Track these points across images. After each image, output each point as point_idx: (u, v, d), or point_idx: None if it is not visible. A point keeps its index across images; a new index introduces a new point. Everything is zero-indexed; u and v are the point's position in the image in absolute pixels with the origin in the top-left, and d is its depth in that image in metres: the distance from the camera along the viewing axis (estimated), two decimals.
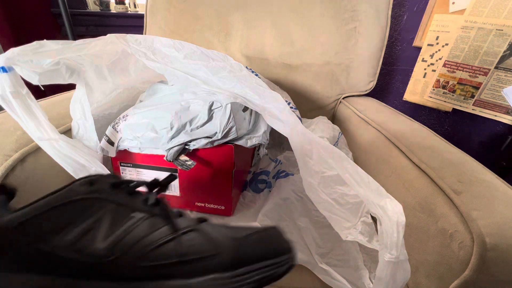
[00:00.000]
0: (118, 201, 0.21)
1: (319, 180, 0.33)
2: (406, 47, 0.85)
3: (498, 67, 0.68)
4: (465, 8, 0.70)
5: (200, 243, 0.20)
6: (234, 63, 0.43)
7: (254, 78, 0.41)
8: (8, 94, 0.32)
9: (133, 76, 0.50)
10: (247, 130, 0.46)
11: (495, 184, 0.35)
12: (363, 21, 0.73)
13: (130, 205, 0.22)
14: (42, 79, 0.35)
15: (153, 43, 0.41)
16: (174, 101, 0.44)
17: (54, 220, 0.20)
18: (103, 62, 0.43)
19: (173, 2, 0.78)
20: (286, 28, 0.76)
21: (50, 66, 0.35)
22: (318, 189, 0.33)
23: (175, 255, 0.20)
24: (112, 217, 0.21)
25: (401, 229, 0.25)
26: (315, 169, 0.32)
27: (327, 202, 0.33)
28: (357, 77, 0.78)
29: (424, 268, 0.34)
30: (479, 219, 0.29)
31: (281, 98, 0.38)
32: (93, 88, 0.45)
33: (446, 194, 0.34)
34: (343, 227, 0.32)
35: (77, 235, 0.20)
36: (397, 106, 0.91)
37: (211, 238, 0.21)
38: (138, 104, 0.49)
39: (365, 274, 0.37)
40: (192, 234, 0.21)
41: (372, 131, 0.57)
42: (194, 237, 0.21)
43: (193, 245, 0.20)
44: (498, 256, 0.27)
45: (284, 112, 0.36)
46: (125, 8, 1.34)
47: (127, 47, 0.40)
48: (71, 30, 1.14)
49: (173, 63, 0.40)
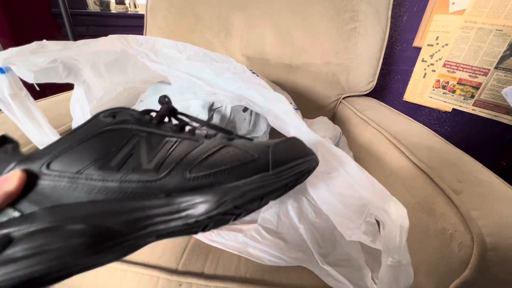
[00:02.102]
0: (148, 129, 0.22)
1: (323, 181, 0.33)
2: (406, 47, 0.85)
3: (498, 67, 0.68)
4: (465, 8, 0.70)
5: (239, 153, 0.22)
6: (237, 64, 0.43)
7: (258, 79, 0.41)
8: (7, 96, 0.31)
9: (131, 76, 0.49)
10: (247, 130, 0.46)
11: (495, 184, 0.35)
12: (363, 21, 0.73)
13: (161, 132, 0.22)
14: (37, 77, 0.34)
15: (155, 45, 0.41)
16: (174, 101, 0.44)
17: (88, 152, 0.20)
18: (100, 60, 0.43)
19: (173, 2, 0.78)
20: (286, 28, 0.77)
21: (46, 64, 0.34)
22: (322, 190, 0.33)
23: (221, 163, 0.21)
24: (148, 143, 0.21)
25: (404, 233, 0.25)
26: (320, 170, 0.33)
27: (331, 203, 0.33)
28: (357, 77, 0.78)
29: (424, 268, 0.34)
30: (479, 219, 0.29)
31: (285, 100, 0.38)
32: (91, 86, 0.44)
33: (446, 194, 0.34)
34: (347, 228, 0.32)
35: (119, 162, 0.20)
36: (397, 106, 0.92)
37: (246, 148, 0.23)
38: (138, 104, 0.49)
39: (367, 274, 0.37)
40: (230, 148, 0.23)
41: (372, 131, 0.57)
42: (231, 149, 0.23)
43: (235, 154, 0.22)
44: (498, 255, 0.27)
45: (289, 113, 0.36)
46: (125, 8, 1.34)
47: (129, 48, 0.40)
48: (71, 30, 1.14)
49: (176, 65, 0.40)
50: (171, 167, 0.20)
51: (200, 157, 0.21)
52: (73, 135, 0.20)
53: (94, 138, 0.20)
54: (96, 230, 0.18)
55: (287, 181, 0.22)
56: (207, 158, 0.21)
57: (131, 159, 0.20)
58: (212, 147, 0.22)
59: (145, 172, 0.20)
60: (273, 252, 0.38)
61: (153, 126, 0.23)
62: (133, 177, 0.20)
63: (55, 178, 0.19)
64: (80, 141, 0.20)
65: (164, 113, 0.25)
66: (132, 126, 0.22)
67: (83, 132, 0.21)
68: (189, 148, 0.22)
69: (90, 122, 0.21)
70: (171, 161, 0.21)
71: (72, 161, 0.19)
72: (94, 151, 0.20)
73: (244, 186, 0.21)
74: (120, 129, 0.21)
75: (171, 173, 0.20)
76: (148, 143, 0.21)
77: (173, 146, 0.22)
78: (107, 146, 0.20)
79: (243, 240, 0.39)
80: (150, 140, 0.21)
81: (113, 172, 0.20)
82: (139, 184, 0.20)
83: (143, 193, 0.19)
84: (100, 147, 0.20)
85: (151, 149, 0.21)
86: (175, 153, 0.21)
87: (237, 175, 0.21)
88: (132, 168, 0.20)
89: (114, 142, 0.21)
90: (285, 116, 0.36)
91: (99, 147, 0.20)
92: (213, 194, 0.20)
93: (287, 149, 0.24)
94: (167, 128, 0.23)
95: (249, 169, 0.21)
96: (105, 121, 0.21)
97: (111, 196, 0.19)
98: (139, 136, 0.21)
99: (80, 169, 0.19)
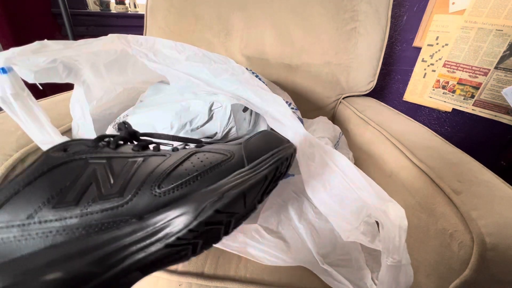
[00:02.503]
0: (105, 155, 0.20)
1: (321, 183, 0.33)
2: (406, 47, 0.85)
3: (498, 67, 0.68)
4: (465, 8, 0.70)
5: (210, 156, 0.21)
6: (236, 65, 0.43)
7: (256, 81, 0.42)
8: (9, 96, 0.31)
9: (130, 76, 0.50)
10: (247, 130, 0.46)
11: (495, 184, 0.35)
12: (363, 21, 0.73)
13: (121, 155, 0.20)
14: (38, 77, 0.34)
15: (154, 45, 0.41)
16: (174, 101, 0.44)
17: (38, 193, 0.17)
18: (100, 60, 0.43)
19: (173, 2, 0.78)
20: (286, 28, 0.77)
21: (46, 64, 0.34)
22: (320, 191, 0.33)
23: (192, 170, 0.20)
24: (107, 169, 0.19)
25: (403, 233, 0.25)
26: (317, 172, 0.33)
27: (329, 204, 0.33)
28: (357, 77, 0.78)
29: (424, 267, 0.34)
30: (479, 219, 0.29)
31: (283, 101, 0.38)
32: (91, 85, 0.44)
33: (446, 194, 0.34)
34: (345, 228, 0.32)
35: (76, 195, 0.18)
36: (397, 106, 0.92)
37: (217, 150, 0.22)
38: (138, 104, 0.49)
39: (367, 274, 0.37)
40: (199, 153, 0.21)
41: (372, 131, 0.57)
42: (201, 155, 0.21)
43: (206, 158, 0.21)
44: (498, 255, 0.27)
45: (286, 115, 0.36)
46: (125, 8, 1.34)
47: (129, 48, 0.40)
48: (71, 30, 1.14)
49: (174, 65, 0.40)
50: (136, 186, 0.18)
51: (167, 170, 0.19)
52: (19, 178, 0.18)
53: (43, 176, 0.18)
54: (63, 278, 0.15)
55: (266, 172, 0.21)
56: (175, 168, 0.20)
57: (90, 189, 0.18)
58: (180, 157, 0.20)
59: (108, 198, 0.18)
60: (273, 252, 0.38)
61: (110, 151, 0.20)
62: (95, 207, 0.17)
63: (1, 231, 0.16)
64: (27, 183, 0.17)
65: (123, 136, 0.22)
66: (87, 155, 0.19)
67: (30, 173, 0.18)
68: (155, 164, 0.20)
69: (38, 161, 0.19)
70: (136, 180, 0.19)
71: (19, 207, 0.17)
72: (45, 190, 0.17)
73: (220, 187, 0.19)
74: (73, 160, 0.19)
75: (138, 193, 0.18)
76: (107, 169, 0.19)
77: (137, 166, 0.20)
78: (60, 182, 0.18)
79: (243, 240, 0.39)
80: (109, 165, 0.19)
81: (70, 207, 0.17)
82: (104, 214, 0.17)
83: (111, 223, 0.17)
84: (51, 184, 0.18)
85: (112, 173, 0.19)
86: (140, 172, 0.19)
87: (212, 178, 0.19)
88: (92, 198, 0.18)
89: (67, 176, 0.18)
90: (283, 118, 0.37)
91: (50, 184, 0.18)
92: (189, 203, 0.18)
93: (259, 142, 0.23)
94: (127, 150, 0.21)
95: (223, 170, 0.20)
96: (56, 156, 0.19)
97: (74, 235, 0.17)
98: (96, 164, 0.19)
99: (31, 213, 0.17)
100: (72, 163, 0.19)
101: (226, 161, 0.21)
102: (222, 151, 0.22)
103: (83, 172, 0.18)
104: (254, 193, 0.21)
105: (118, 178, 0.19)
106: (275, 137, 0.24)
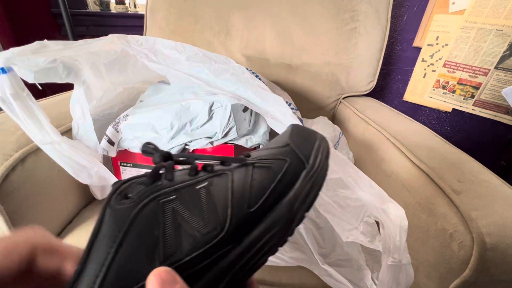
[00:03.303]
0: (171, 189, 0.18)
1: None
2: (406, 47, 0.85)
3: (498, 67, 0.68)
4: (465, 8, 0.70)
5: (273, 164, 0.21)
6: (236, 65, 0.43)
7: (256, 81, 0.42)
8: (9, 96, 0.31)
9: (130, 76, 0.50)
10: (247, 131, 0.46)
11: (495, 184, 0.35)
12: (363, 21, 0.73)
13: (185, 184, 0.18)
14: (37, 77, 0.34)
15: (154, 45, 0.41)
16: (175, 101, 0.44)
17: (139, 252, 0.15)
18: (100, 60, 0.43)
19: (173, 2, 0.78)
20: (286, 28, 0.77)
21: (46, 64, 0.34)
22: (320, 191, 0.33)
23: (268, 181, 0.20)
24: (185, 203, 0.17)
25: (403, 233, 0.25)
26: None
27: (329, 205, 0.33)
28: (357, 77, 0.78)
29: (424, 267, 0.34)
30: (479, 219, 0.29)
31: (283, 101, 0.38)
32: (91, 85, 0.44)
33: (446, 194, 0.34)
34: (344, 229, 0.32)
35: (175, 243, 0.16)
36: (397, 106, 0.92)
37: (272, 156, 0.22)
38: (139, 104, 0.49)
39: (367, 274, 0.37)
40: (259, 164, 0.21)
41: (372, 131, 0.57)
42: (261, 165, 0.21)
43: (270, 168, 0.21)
44: (498, 256, 0.27)
45: (286, 115, 0.36)
46: (125, 8, 1.34)
47: (129, 48, 0.40)
48: (71, 30, 1.14)
49: (175, 65, 0.40)
50: (228, 213, 0.17)
51: (246, 188, 0.19)
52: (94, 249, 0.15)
53: (128, 236, 0.15)
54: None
55: (323, 165, 0.21)
56: (251, 184, 0.19)
57: (183, 232, 0.16)
58: (246, 173, 0.20)
59: (203, 236, 0.16)
60: None
61: (169, 183, 0.18)
62: (199, 249, 0.16)
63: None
64: (113, 256, 0.15)
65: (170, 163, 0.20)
66: (153, 195, 0.17)
67: (108, 241, 0.15)
68: (225, 185, 0.19)
69: (108, 223, 0.16)
70: (222, 207, 0.17)
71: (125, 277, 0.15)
72: (142, 251, 0.15)
73: (299, 193, 0.19)
74: (145, 206, 0.16)
75: (232, 220, 0.17)
76: (185, 204, 0.17)
77: (209, 192, 0.18)
78: (149, 236, 0.16)
79: None
80: (182, 199, 0.17)
81: (176, 256, 0.15)
82: (204, 255, 0.16)
83: (215, 258, 0.16)
84: (142, 243, 0.15)
85: (195, 207, 0.17)
86: (217, 198, 0.18)
87: (287, 185, 0.20)
88: (190, 242, 0.16)
89: (152, 225, 0.16)
90: (283, 118, 0.37)
91: (141, 244, 0.15)
92: (281, 213, 0.18)
93: (300, 137, 0.23)
94: (183, 177, 0.19)
95: (290, 175, 0.20)
96: (124, 208, 0.16)
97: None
98: (169, 202, 0.17)
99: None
100: (145, 209, 0.16)
101: (289, 166, 0.21)
102: (278, 156, 0.22)
103: (166, 216, 0.16)
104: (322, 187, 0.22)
105: (202, 212, 0.17)
106: (306, 130, 0.24)
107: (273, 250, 0.18)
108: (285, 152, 0.22)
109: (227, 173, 0.20)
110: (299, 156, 0.21)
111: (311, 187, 0.20)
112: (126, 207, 0.16)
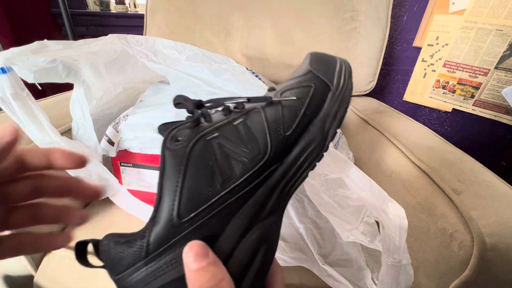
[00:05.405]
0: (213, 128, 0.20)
1: (321, 183, 0.33)
2: (406, 47, 0.85)
3: (498, 67, 0.68)
4: (465, 8, 0.70)
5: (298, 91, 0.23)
6: (236, 65, 0.43)
7: (256, 81, 0.42)
8: (8, 96, 0.31)
9: (130, 76, 0.50)
10: None
11: (495, 184, 0.35)
12: (363, 21, 0.73)
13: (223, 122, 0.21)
14: (37, 77, 0.34)
15: (154, 45, 0.41)
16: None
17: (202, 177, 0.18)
18: (100, 60, 0.43)
19: (173, 2, 0.78)
20: (286, 28, 0.77)
21: (46, 63, 0.35)
22: (321, 191, 0.33)
23: (298, 107, 0.22)
24: (227, 138, 0.20)
25: (403, 233, 0.25)
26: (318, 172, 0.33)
27: (329, 205, 0.33)
28: (357, 77, 0.78)
29: (424, 267, 0.34)
30: (479, 219, 0.29)
31: None
32: (91, 85, 0.44)
33: (446, 194, 0.34)
34: (344, 229, 0.32)
35: (229, 170, 0.19)
36: (397, 106, 0.92)
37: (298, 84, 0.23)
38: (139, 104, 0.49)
39: (368, 274, 0.37)
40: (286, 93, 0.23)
41: (372, 131, 0.57)
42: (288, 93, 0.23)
43: (296, 94, 0.22)
44: (498, 256, 0.27)
45: None
46: (125, 8, 1.34)
47: (129, 48, 0.40)
48: (71, 30, 1.14)
49: (175, 65, 0.40)
50: (268, 139, 0.20)
51: (279, 115, 0.21)
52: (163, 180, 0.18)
53: (190, 167, 0.18)
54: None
55: (347, 84, 0.23)
56: (283, 111, 0.21)
57: (233, 162, 0.19)
58: (277, 102, 0.22)
59: (251, 160, 0.19)
60: None
61: (209, 124, 0.21)
62: (248, 174, 0.18)
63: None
64: (182, 182, 0.18)
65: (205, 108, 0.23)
66: (199, 135, 0.20)
67: (171, 171, 0.18)
68: (260, 116, 0.21)
69: (166, 159, 0.18)
70: (261, 135, 0.20)
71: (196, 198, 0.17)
72: (203, 176, 0.18)
73: (328, 113, 0.21)
74: (195, 144, 0.19)
75: (272, 144, 0.20)
76: (228, 139, 0.20)
77: (246, 124, 0.21)
78: (206, 166, 0.18)
79: None
80: (224, 136, 0.20)
81: (232, 180, 0.18)
82: (255, 175, 0.19)
83: (264, 177, 0.19)
84: (202, 170, 0.18)
85: (237, 139, 0.20)
86: (255, 128, 0.20)
87: (317, 108, 0.21)
88: (240, 167, 0.19)
89: (206, 158, 0.19)
90: None
91: (201, 171, 0.18)
92: (313, 134, 0.20)
93: (321, 63, 0.24)
94: (219, 117, 0.22)
95: (318, 98, 0.22)
96: (178, 147, 0.19)
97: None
98: (214, 138, 0.20)
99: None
100: (196, 146, 0.19)
101: (315, 90, 0.22)
102: (303, 82, 0.23)
103: (214, 150, 0.19)
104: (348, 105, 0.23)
105: (244, 142, 0.20)
106: (327, 55, 0.26)
107: (312, 165, 0.21)
108: (309, 79, 0.23)
109: (258, 108, 0.22)
110: (323, 79, 0.23)
111: (339, 106, 0.22)
112: (180, 147, 0.19)
